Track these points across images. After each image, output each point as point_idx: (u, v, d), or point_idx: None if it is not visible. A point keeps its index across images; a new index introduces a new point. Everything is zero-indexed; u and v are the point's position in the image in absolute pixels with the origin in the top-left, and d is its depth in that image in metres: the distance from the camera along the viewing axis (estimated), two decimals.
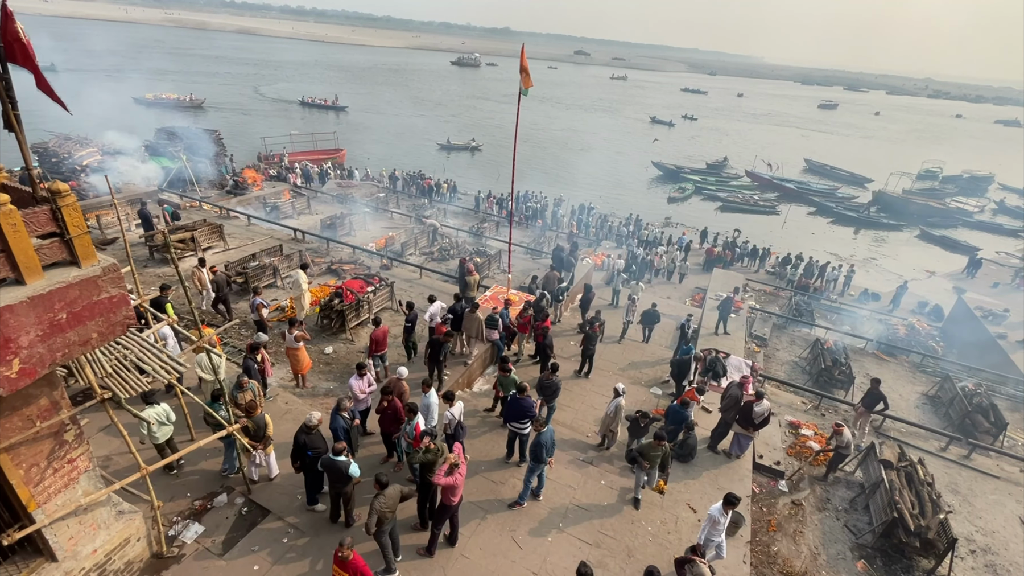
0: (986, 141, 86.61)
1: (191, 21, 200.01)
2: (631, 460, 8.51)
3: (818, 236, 33.57)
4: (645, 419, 9.26)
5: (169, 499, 7.43)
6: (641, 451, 8.02)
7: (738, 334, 15.32)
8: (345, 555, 5.42)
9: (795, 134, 77.01)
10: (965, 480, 10.67)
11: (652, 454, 7.90)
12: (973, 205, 41.64)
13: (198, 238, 16.13)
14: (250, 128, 43.03)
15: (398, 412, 7.89)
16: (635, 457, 8.15)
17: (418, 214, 24.59)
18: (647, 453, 7.93)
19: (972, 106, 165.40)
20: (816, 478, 10.23)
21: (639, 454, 8.05)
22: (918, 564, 8.44)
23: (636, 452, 8.18)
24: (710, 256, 23.94)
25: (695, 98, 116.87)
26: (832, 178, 50.15)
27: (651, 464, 7.95)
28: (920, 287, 23.66)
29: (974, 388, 13.24)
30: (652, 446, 7.94)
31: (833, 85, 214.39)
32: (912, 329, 17.73)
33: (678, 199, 39.09)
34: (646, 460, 7.92)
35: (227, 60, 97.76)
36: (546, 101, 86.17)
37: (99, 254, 4.75)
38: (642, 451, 7.99)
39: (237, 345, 11.56)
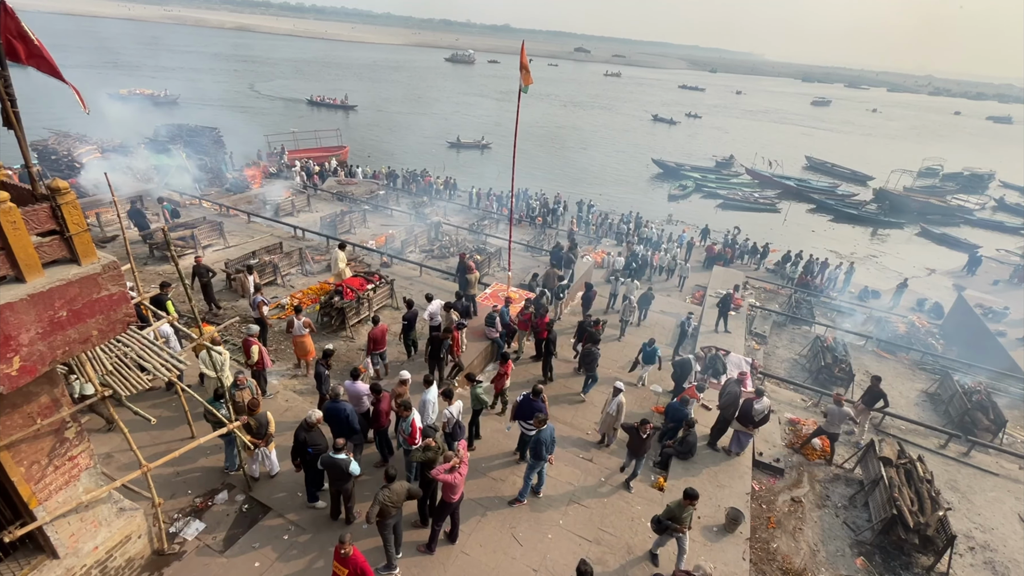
0: (983, 138, 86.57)
1: (190, 18, 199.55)
2: (659, 530, 6.98)
3: (818, 234, 33.55)
4: (645, 427, 8.11)
5: (170, 496, 7.45)
6: (671, 516, 6.82)
7: (738, 332, 15.32)
8: (346, 551, 5.45)
9: (795, 131, 76.93)
10: (964, 477, 10.68)
11: (683, 515, 6.79)
12: (974, 203, 41.61)
13: (198, 236, 16.14)
14: (249, 126, 42.99)
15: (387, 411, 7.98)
16: (666, 525, 6.85)
17: (419, 211, 24.57)
18: (678, 516, 6.77)
19: (972, 103, 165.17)
20: (818, 478, 10.24)
21: (669, 520, 6.82)
22: (917, 561, 8.46)
23: (665, 519, 6.86)
24: (710, 254, 23.92)
25: (692, 95, 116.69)
26: (833, 175, 50.10)
27: (685, 526, 6.85)
28: (920, 285, 23.66)
29: (974, 386, 13.24)
30: (682, 506, 6.82)
31: (834, 82, 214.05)
32: (912, 327, 17.73)
33: (679, 196, 39.05)
34: (678, 523, 6.81)
35: (224, 57, 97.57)
36: (545, 98, 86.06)
37: (99, 252, 4.75)
38: (672, 516, 6.80)
39: (237, 343, 11.56)
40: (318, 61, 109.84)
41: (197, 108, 46.85)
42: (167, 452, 6.20)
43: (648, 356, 11.65)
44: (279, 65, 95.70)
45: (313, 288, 14.29)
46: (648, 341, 11.67)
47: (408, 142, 47.72)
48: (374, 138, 48.41)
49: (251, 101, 58.82)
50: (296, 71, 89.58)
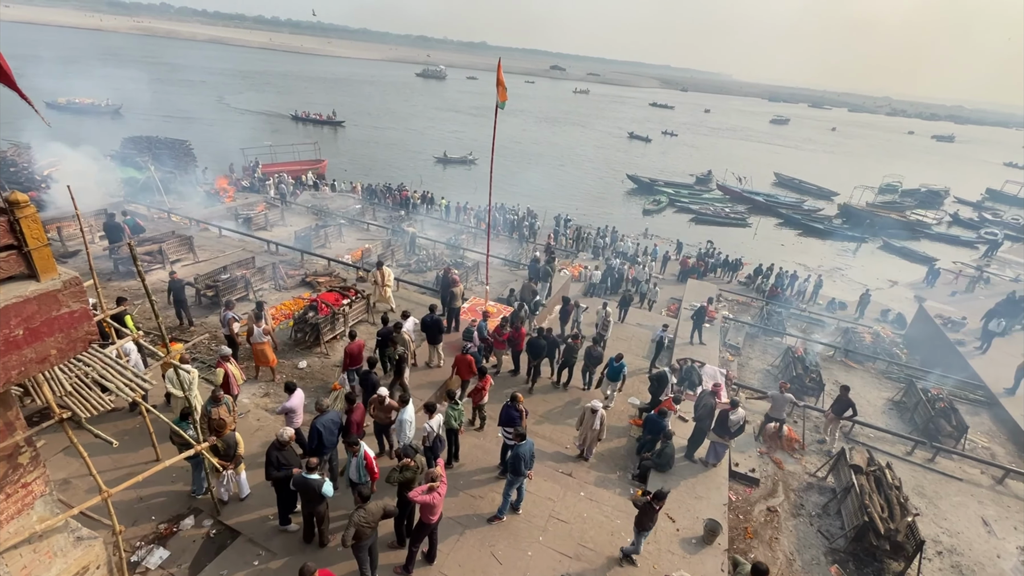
0: (934, 155, 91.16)
1: (160, 30, 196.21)
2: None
3: (787, 247, 34.59)
4: (661, 501, 7.37)
5: (132, 523, 7.11)
6: None
7: (713, 343, 15.59)
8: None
9: (762, 149, 79.64)
10: (930, 483, 11.01)
11: None
12: (931, 217, 43.59)
13: (166, 250, 15.68)
14: (223, 139, 42.26)
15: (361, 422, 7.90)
16: None
17: (395, 226, 24.44)
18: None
19: (926, 123, 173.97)
20: (792, 486, 10.41)
21: None
22: (888, 567, 8.64)
23: None
24: (684, 267, 24.40)
25: (663, 112, 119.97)
26: (800, 191, 51.89)
27: None
28: (884, 296, 24.55)
29: (936, 393, 13.73)
30: None
31: (798, 102, 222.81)
32: (877, 337, 18.33)
33: (653, 211, 39.84)
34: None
35: (195, 69, 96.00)
36: (520, 114, 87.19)
37: (60, 267, 4.57)
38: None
39: (206, 360, 11.21)
40: (291, 75, 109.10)
41: (162, 120, 45.78)
42: (130, 476, 5.93)
43: (613, 373, 10.92)
44: (251, 78, 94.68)
45: (287, 303, 14.00)
46: (615, 356, 10.94)
47: (390, 157, 47.67)
48: (358, 153, 48.16)
49: (222, 114, 57.88)
50: (267, 84, 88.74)
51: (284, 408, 8.24)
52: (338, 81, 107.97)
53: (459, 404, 8.64)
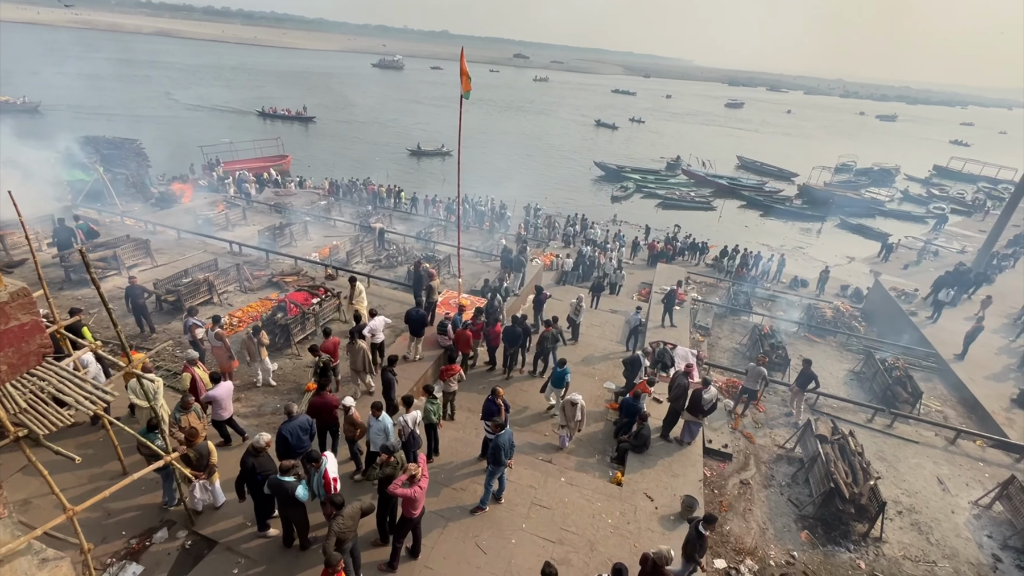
0: (883, 135, 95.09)
1: (102, 23, 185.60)
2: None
3: (751, 228, 35.58)
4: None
5: (101, 540, 6.85)
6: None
7: (683, 325, 15.96)
8: None
9: (722, 132, 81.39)
10: (890, 447, 11.61)
11: None
12: (884, 195, 45.51)
13: (121, 256, 15.01)
14: (173, 136, 40.50)
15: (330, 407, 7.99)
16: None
17: (362, 221, 24.00)
18: None
19: (877, 104, 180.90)
20: (763, 459, 10.82)
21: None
22: (854, 528, 9.11)
23: None
24: (652, 251, 24.82)
25: (625, 99, 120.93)
26: (763, 173, 53.33)
27: None
28: (842, 272, 25.58)
29: (893, 362, 14.45)
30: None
31: (757, 86, 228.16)
32: (837, 311, 19.12)
33: (621, 197, 40.30)
34: None
35: (140, 64, 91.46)
36: (484, 104, 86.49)
37: (5, 278, 4.32)
38: None
39: (172, 368, 10.83)
40: (244, 68, 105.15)
41: (108, 119, 43.33)
42: (96, 492, 5.70)
43: (557, 379, 10.49)
44: (200, 72, 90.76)
45: (254, 305, 13.63)
46: (559, 362, 10.56)
47: (362, 152, 46.61)
48: (328, 149, 46.86)
49: (172, 111, 55.40)
50: (218, 78, 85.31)
51: (208, 397, 8.10)
52: (295, 74, 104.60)
53: (437, 399, 8.62)
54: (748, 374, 12.03)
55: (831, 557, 8.61)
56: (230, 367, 10.25)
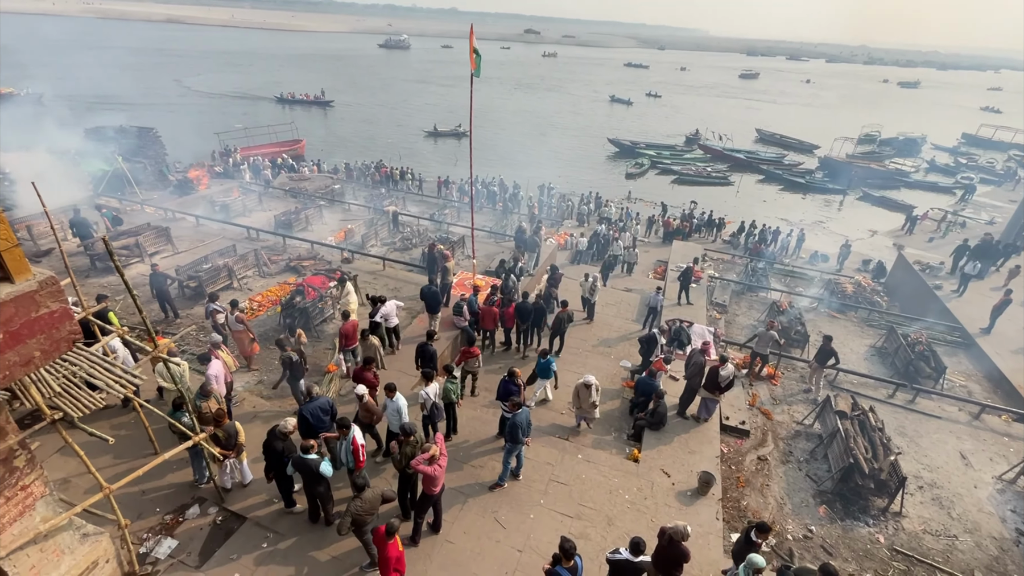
0: (913, 103, 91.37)
1: (113, 11, 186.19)
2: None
3: (769, 203, 34.81)
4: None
5: (137, 516, 7.17)
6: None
7: (700, 303, 15.82)
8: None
9: (740, 105, 79.07)
10: (911, 423, 11.47)
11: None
12: (909, 165, 44.02)
13: (143, 243, 15.32)
14: (189, 124, 40.77)
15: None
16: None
17: (376, 205, 24.06)
18: None
19: (903, 70, 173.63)
20: (781, 435, 10.79)
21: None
22: (873, 504, 9.08)
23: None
24: (668, 228, 24.49)
25: (638, 73, 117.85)
26: (782, 146, 51.91)
27: None
28: (864, 246, 24.97)
29: (916, 337, 14.17)
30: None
31: (776, 55, 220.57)
32: (859, 286, 18.73)
33: (635, 174, 39.67)
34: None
35: (149, 51, 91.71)
36: (495, 82, 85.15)
37: (34, 267, 4.45)
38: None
39: (196, 352, 11.12)
40: (252, 52, 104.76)
41: (123, 108, 43.55)
42: (130, 471, 5.95)
43: (543, 369, 10.08)
44: (209, 58, 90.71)
45: (273, 290, 13.85)
46: (541, 353, 10.13)
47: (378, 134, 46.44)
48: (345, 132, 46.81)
49: (184, 98, 55.64)
50: (227, 63, 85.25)
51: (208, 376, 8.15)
52: (303, 57, 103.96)
53: (456, 378, 8.74)
54: (758, 339, 12.28)
55: (849, 531, 8.62)
56: (252, 350, 10.50)
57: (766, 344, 12.15)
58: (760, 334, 12.36)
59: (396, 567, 5.79)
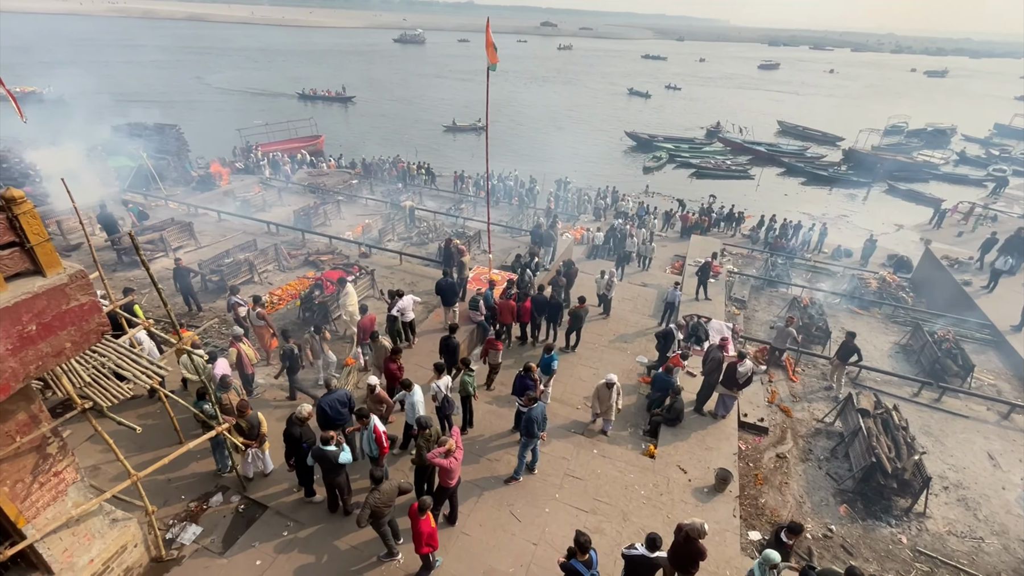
0: (937, 92, 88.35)
1: (136, 10, 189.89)
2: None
3: (791, 197, 34.07)
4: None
5: (163, 503, 7.39)
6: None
7: (718, 298, 15.61)
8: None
9: (762, 96, 77.39)
10: (937, 422, 11.19)
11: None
12: (939, 157, 42.64)
13: (167, 238, 15.67)
14: (210, 120, 41.48)
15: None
16: None
17: (393, 200, 24.22)
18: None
19: (932, 59, 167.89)
20: (800, 433, 10.62)
21: None
22: (896, 504, 8.90)
23: None
24: (686, 223, 24.16)
25: (655, 65, 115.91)
26: (805, 139, 50.69)
27: None
28: (889, 241, 24.32)
29: (942, 334, 13.79)
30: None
31: (799, 45, 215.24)
32: (883, 282, 18.28)
33: (653, 168, 39.18)
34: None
35: (172, 49, 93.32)
36: (512, 76, 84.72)
37: (64, 261, 4.59)
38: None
39: (219, 344, 11.36)
40: (271, 49, 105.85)
41: (146, 105, 44.41)
42: (156, 460, 6.12)
43: (545, 365, 9.80)
44: (230, 55, 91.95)
45: (292, 284, 14.06)
46: (546, 348, 9.99)
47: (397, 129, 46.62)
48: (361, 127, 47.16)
49: (205, 95, 56.50)
50: (247, 60, 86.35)
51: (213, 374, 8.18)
52: (320, 53, 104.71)
53: (473, 371, 8.79)
54: (776, 334, 12.33)
55: (871, 531, 8.47)
56: (272, 344, 10.70)
57: (784, 340, 12.12)
58: (779, 329, 12.33)
59: (428, 541, 6.05)
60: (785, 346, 12.26)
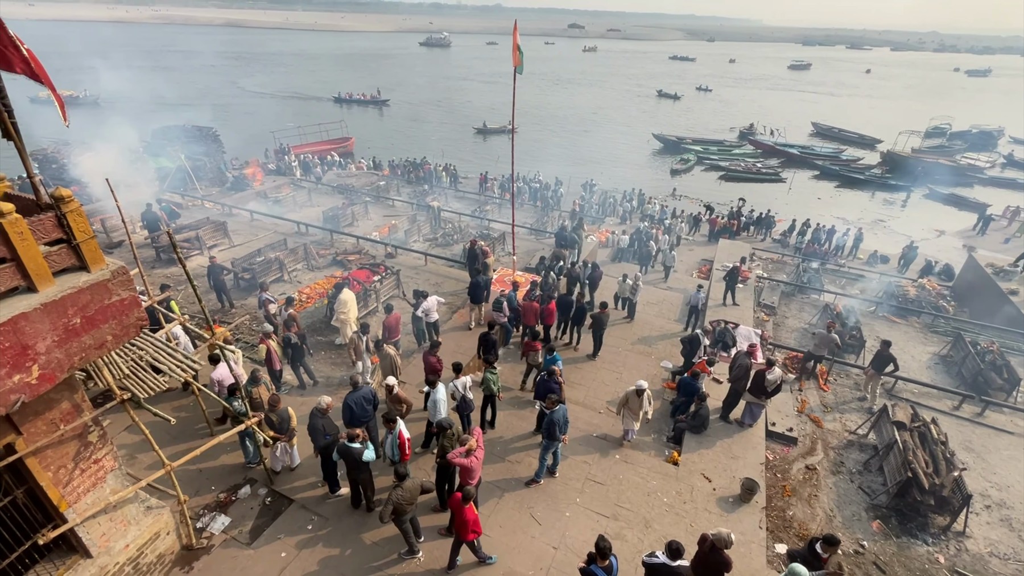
0: (984, 92, 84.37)
1: (178, 17, 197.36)
2: None
3: (824, 201, 33.08)
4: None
5: (194, 493, 7.63)
6: None
7: (746, 304, 15.25)
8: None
9: (795, 97, 75.39)
10: (979, 437, 10.68)
11: None
12: (984, 160, 40.76)
13: (203, 236, 16.21)
14: (245, 123, 42.71)
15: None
16: None
17: (419, 201, 24.51)
18: None
19: (978, 58, 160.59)
20: (831, 444, 10.29)
21: None
22: (933, 521, 8.52)
23: None
24: (714, 227, 23.71)
25: (683, 66, 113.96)
26: (840, 141, 49.13)
27: None
28: (930, 247, 23.37)
29: (987, 346, 13.15)
30: None
31: (836, 44, 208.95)
32: (922, 290, 17.56)
33: (680, 171, 38.59)
34: None
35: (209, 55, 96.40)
36: (538, 78, 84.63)
37: (107, 258, 4.79)
38: None
39: (249, 340, 11.69)
40: (304, 53, 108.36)
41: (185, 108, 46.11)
42: (188, 451, 6.33)
43: (546, 367, 9.48)
44: (265, 59, 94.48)
45: (320, 283, 14.36)
46: (547, 349, 9.77)
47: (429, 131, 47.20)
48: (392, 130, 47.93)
49: (242, 99, 58.23)
50: (279, 64, 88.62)
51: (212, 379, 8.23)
52: (349, 57, 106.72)
53: (496, 370, 8.81)
54: (817, 340, 11.92)
55: (906, 549, 8.13)
56: None
57: (825, 346, 11.77)
58: (819, 335, 11.98)
59: (474, 528, 6.21)
60: (825, 353, 11.90)
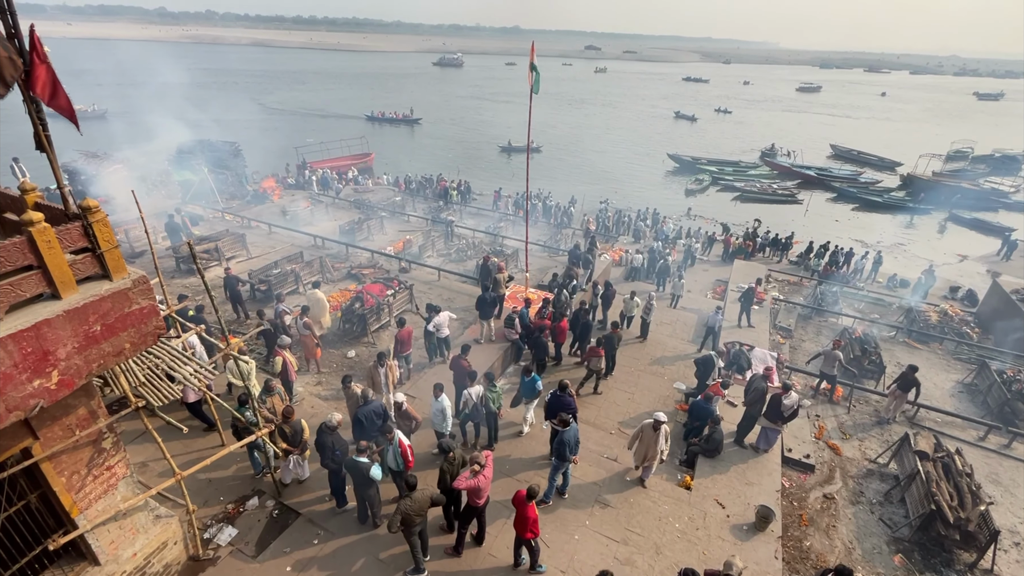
0: (1014, 118, 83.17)
1: (207, 36, 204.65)
2: None
3: (842, 223, 32.69)
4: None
5: (203, 503, 7.63)
6: None
7: (762, 326, 15.03)
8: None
9: (812, 120, 75.13)
10: (1007, 470, 10.29)
11: None
12: (1008, 185, 40.04)
13: (222, 248, 16.52)
14: (266, 139, 43.77)
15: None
16: None
17: (435, 216, 24.77)
18: None
19: (999, 82, 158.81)
20: (851, 473, 9.98)
21: None
22: (959, 557, 8.18)
23: None
24: (728, 246, 23.50)
25: (696, 87, 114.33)
26: (859, 163, 48.74)
27: None
28: (952, 271, 22.89)
29: (1013, 374, 12.74)
30: None
31: (853, 67, 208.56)
32: (945, 315, 17.15)
33: (695, 191, 38.50)
34: None
35: (234, 72, 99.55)
36: (553, 98, 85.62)
37: (129, 267, 4.90)
38: None
39: (263, 352, 11.79)
40: (325, 72, 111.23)
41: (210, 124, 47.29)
42: (199, 460, 6.36)
43: (527, 389, 9.27)
44: (280, 78, 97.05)
45: (335, 296, 14.49)
46: (525, 370, 9.40)
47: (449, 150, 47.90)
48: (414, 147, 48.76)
49: (260, 115, 59.70)
50: (302, 82, 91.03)
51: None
52: (373, 76, 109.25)
53: (496, 387, 8.75)
54: (824, 359, 11.77)
55: None
56: (316, 354, 11.01)
57: (832, 364, 11.59)
58: (825, 353, 11.84)
59: (532, 528, 6.25)
60: (833, 371, 11.66)
